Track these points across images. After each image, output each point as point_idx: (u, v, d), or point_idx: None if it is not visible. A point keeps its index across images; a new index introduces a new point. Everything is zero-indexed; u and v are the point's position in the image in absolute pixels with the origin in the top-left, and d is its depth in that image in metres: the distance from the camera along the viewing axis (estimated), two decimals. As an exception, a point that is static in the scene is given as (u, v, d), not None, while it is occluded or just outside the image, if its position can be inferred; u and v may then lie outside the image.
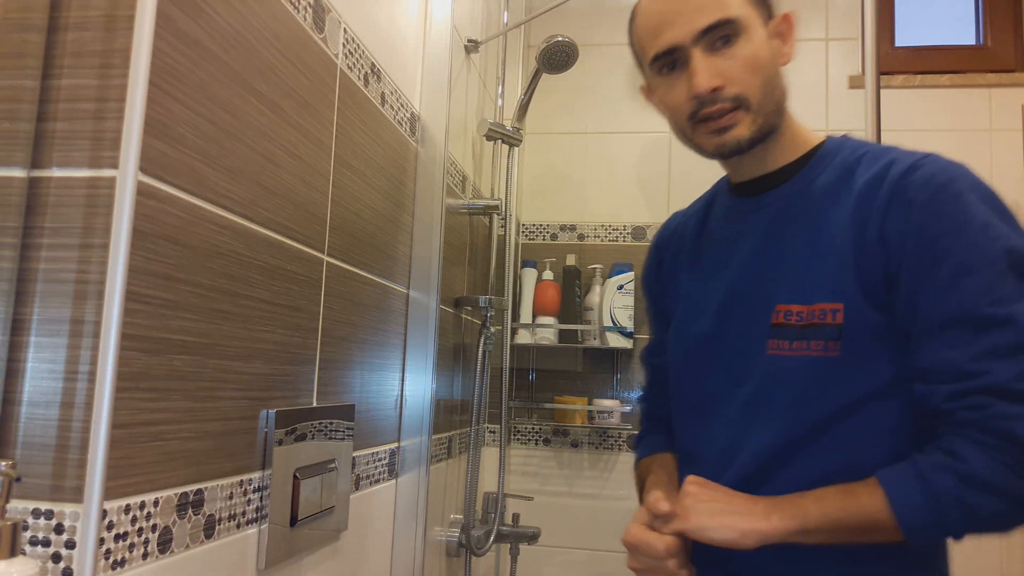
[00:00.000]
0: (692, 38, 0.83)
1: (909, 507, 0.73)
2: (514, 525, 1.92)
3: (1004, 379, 0.72)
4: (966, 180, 0.79)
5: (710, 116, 0.84)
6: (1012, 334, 0.73)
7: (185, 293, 0.74)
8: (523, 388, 2.21)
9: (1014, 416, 0.71)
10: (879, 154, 0.85)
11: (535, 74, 1.82)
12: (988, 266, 0.75)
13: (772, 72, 0.85)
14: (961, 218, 0.76)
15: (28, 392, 0.63)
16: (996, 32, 2.21)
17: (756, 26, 0.84)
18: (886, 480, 0.75)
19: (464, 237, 1.77)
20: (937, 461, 0.73)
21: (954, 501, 0.72)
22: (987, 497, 0.71)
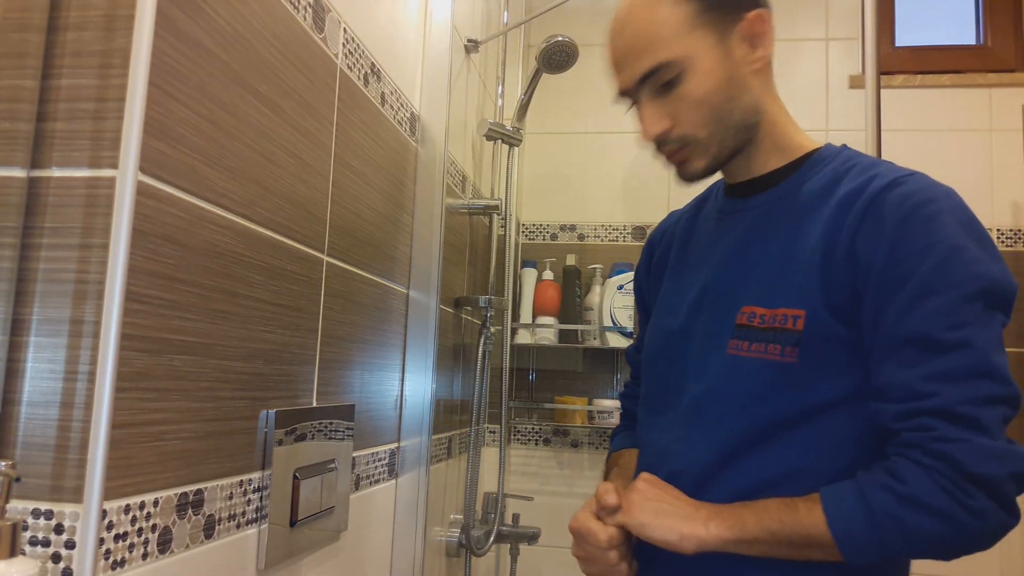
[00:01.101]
0: (634, 85, 0.85)
1: (847, 525, 0.73)
2: (514, 525, 1.92)
3: (952, 402, 0.71)
4: (945, 202, 0.77)
5: (666, 152, 0.87)
6: (967, 358, 0.72)
7: (185, 293, 0.74)
8: (523, 388, 2.21)
9: (956, 439, 0.71)
10: (867, 167, 0.83)
11: (535, 74, 1.82)
12: (953, 289, 0.74)
13: (726, 98, 0.83)
14: (931, 239, 0.75)
15: (28, 392, 0.63)
16: (996, 32, 2.21)
17: (702, 56, 0.82)
18: (827, 497, 0.75)
19: (464, 237, 1.77)
20: (878, 480, 0.73)
21: (892, 521, 0.72)
22: (925, 519, 0.71)
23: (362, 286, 1.19)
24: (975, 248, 0.76)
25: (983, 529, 0.71)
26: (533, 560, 2.08)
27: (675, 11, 0.82)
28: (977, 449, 0.70)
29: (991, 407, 0.71)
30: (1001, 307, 0.76)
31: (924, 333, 0.74)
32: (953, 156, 2.13)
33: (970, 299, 0.74)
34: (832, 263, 0.79)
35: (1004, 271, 0.76)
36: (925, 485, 0.71)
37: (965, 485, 0.70)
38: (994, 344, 0.74)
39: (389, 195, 1.30)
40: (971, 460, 0.70)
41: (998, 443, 0.71)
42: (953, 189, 0.80)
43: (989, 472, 0.70)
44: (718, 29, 0.83)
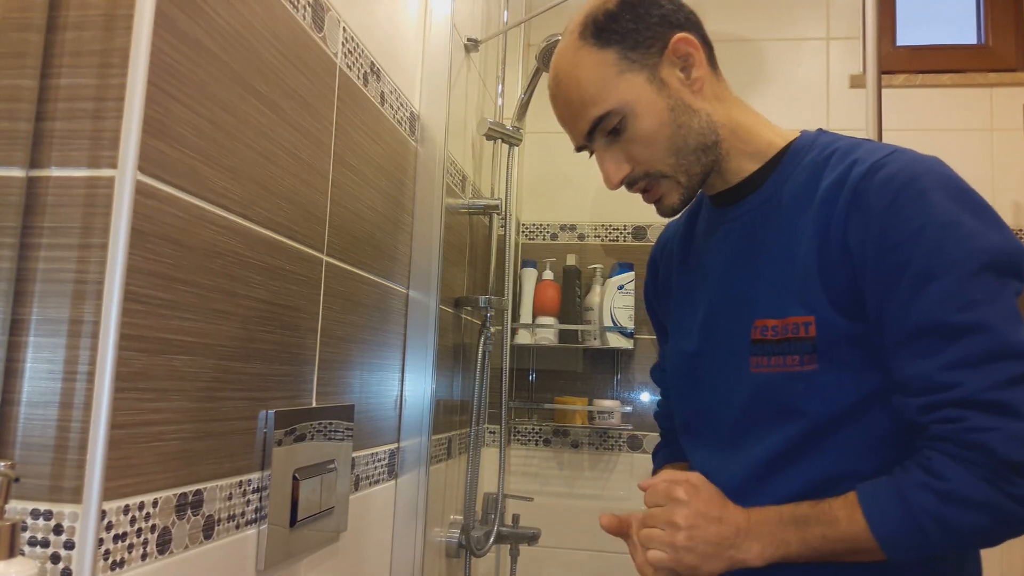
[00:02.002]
0: (584, 139, 0.86)
1: (890, 530, 0.72)
2: (514, 526, 1.92)
3: (977, 389, 0.70)
4: (931, 177, 0.75)
5: (638, 191, 0.88)
6: (983, 340, 0.70)
7: (184, 293, 0.73)
8: (523, 388, 2.21)
9: (990, 428, 0.69)
10: (845, 153, 0.81)
11: (535, 73, 1.82)
12: (954, 269, 0.72)
13: (674, 127, 0.83)
14: (922, 220, 0.73)
15: (27, 392, 0.63)
16: (997, 31, 2.21)
17: (637, 96, 0.82)
18: (866, 501, 0.73)
19: (464, 237, 1.77)
20: (916, 479, 0.72)
21: (934, 520, 0.71)
22: (969, 513, 0.70)
23: (362, 286, 1.19)
24: (970, 220, 0.73)
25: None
26: (533, 561, 2.08)
27: (598, 63, 0.83)
28: (1012, 436, 0.69)
29: (1017, 388, 0.69)
30: (1011, 274, 0.73)
31: (934, 320, 0.72)
32: (953, 156, 2.10)
33: (974, 275, 0.71)
34: (828, 262, 0.78)
35: (1006, 237, 0.74)
36: (965, 479, 0.70)
37: (1006, 473, 0.69)
38: (1009, 319, 0.71)
39: (389, 195, 1.30)
40: (1008, 448, 0.68)
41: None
42: (938, 159, 0.78)
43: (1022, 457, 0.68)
44: (645, 66, 0.83)
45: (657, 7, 0.84)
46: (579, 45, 0.84)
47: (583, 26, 0.84)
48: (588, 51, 0.83)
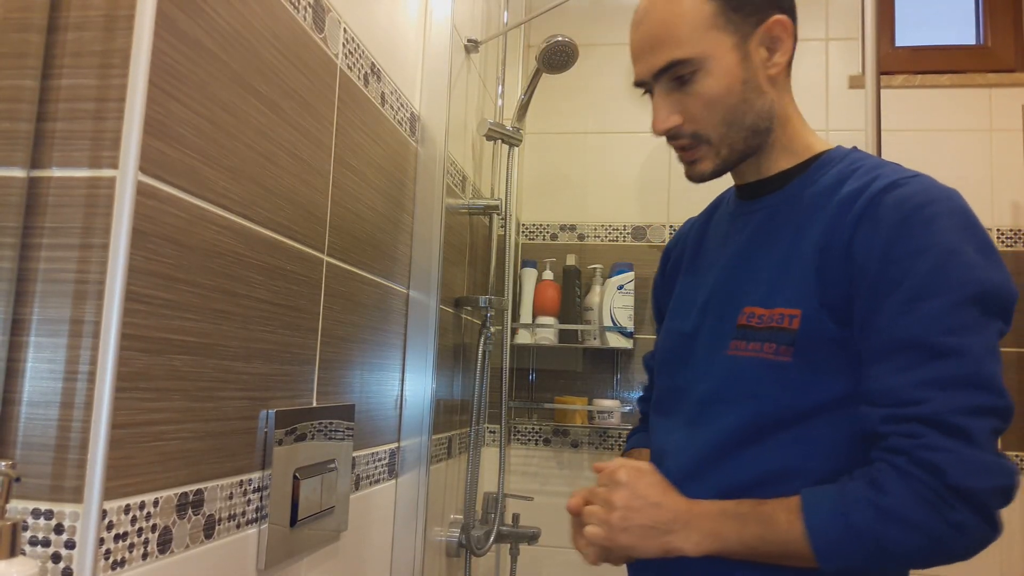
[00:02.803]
0: (650, 76, 0.85)
1: (827, 541, 0.72)
2: (514, 525, 1.92)
3: (941, 410, 0.70)
4: (945, 205, 0.76)
5: (677, 147, 0.88)
6: (958, 366, 0.71)
7: (185, 293, 0.74)
8: (523, 388, 2.21)
9: (943, 449, 0.70)
10: (871, 168, 0.83)
11: (535, 74, 1.82)
12: (947, 293, 0.73)
13: (739, 100, 0.83)
14: (928, 242, 0.74)
15: (28, 392, 0.63)
16: (996, 32, 2.21)
17: (720, 56, 0.82)
18: (808, 510, 0.74)
19: (464, 237, 1.77)
20: (860, 493, 0.73)
21: (872, 537, 0.71)
22: (905, 533, 0.70)
23: (362, 286, 1.19)
24: (973, 253, 0.74)
25: (963, 543, 0.71)
26: (533, 560, 2.08)
27: (697, 8, 0.82)
28: (964, 461, 0.69)
29: (982, 418, 0.71)
30: (999, 314, 0.74)
31: (917, 337, 0.73)
32: (953, 156, 2.13)
33: (965, 304, 0.73)
34: (829, 263, 0.79)
35: (1003, 277, 0.75)
36: (906, 497, 0.71)
37: (948, 497, 0.69)
38: (988, 352, 0.72)
39: (389, 195, 1.30)
40: (956, 472, 0.69)
41: (986, 455, 0.70)
42: (957, 192, 0.79)
43: (974, 485, 0.69)
44: (738, 31, 0.83)
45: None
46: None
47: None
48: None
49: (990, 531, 0.71)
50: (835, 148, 0.90)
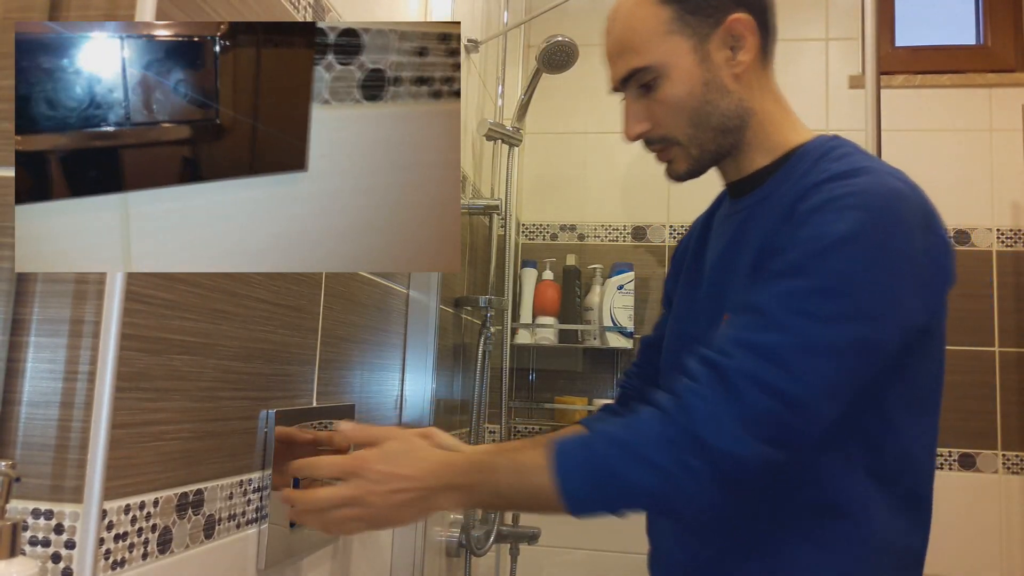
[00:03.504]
0: (619, 85, 0.87)
1: (571, 484, 0.73)
2: (514, 525, 1.92)
3: (733, 367, 0.71)
4: (865, 198, 0.73)
5: (651, 150, 0.89)
6: (776, 342, 0.70)
7: (185, 293, 0.74)
8: (523, 388, 2.21)
9: (708, 399, 0.70)
10: (830, 161, 0.81)
11: (535, 74, 1.82)
12: (813, 278, 0.71)
13: (702, 102, 0.83)
14: (827, 230, 0.72)
15: (28, 392, 0.63)
16: (996, 32, 2.21)
17: (678, 61, 0.82)
18: (557, 452, 0.74)
19: (464, 237, 1.77)
20: (609, 432, 0.74)
21: (612, 477, 0.72)
22: (645, 474, 0.71)
23: (362, 286, 1.19)
24: (870, 253, 0.72)
25: (695, 489, 0.71)
26: (533, 560, 2.08)
27: (654, 15, 0.83)
28: (716, 416, 0.70)
29: (763, 394, 0.69)
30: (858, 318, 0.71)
31: (762, 305, 0.73)
32: (953, 156, 2.13)
33: (824, 294, 0.71)
34: (763, 261, 0.79)
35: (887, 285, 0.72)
36: (653, 432, 0.71)
37: (690, 441, 0.70)
38: (819, 347, 0.70)
39: (389, 195, 1.30)
40: (703, 421, 0.70)
41: (738, 424, 0.69)
42: (903, 192, 0.75)
43: (710, 439, 0.69)
44: (696, 34, 0.83)
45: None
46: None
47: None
48: (649, 1, 0.84)
49: (718, 489, 0.71)
50: (812, 140, 0.87)
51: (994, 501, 2.03)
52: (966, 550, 2.01)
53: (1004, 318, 2.07)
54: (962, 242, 2.11)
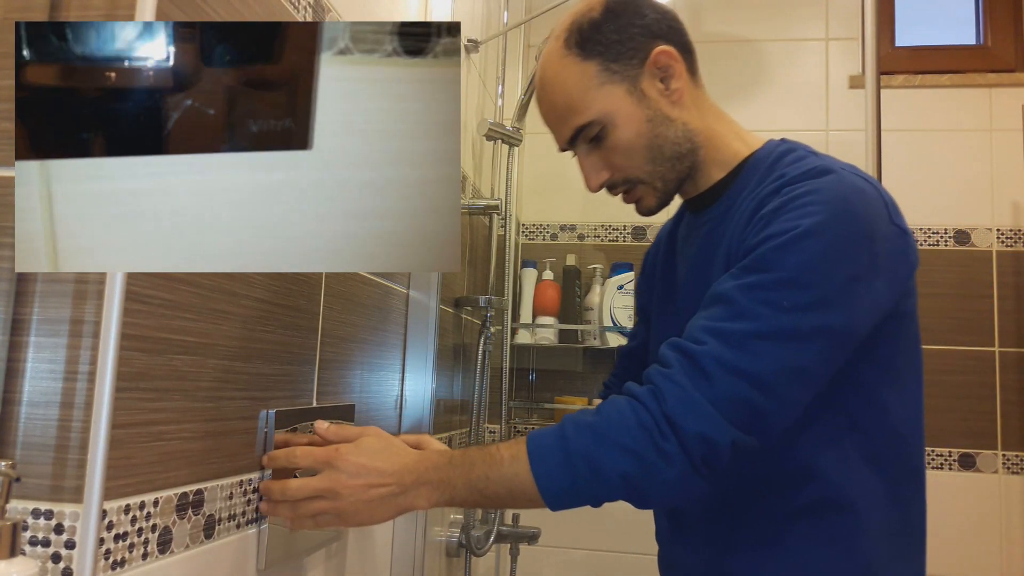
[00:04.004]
0: (567, 145, 0.90)
1: (547, 467, 0.74)
2: (514, 525, 1.92)
3: (703, 353, 0.72)
4: (825, 194, 0.76)
5: (617, 194, 0.92)
6: (743, 329, 0.73)
7: (185, 293, 0.74)
8: (523, 388, 2.21)
9: (678, 383, 0.72)
10: (785, 165, 0.83)
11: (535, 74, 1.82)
12: (776, 271, 0.74)
13: (651, 136, 0.86)
14: (788, 226, 0.75)
15: (28, 392, 0.63)
16: (996, 32, 2.21)
17: (617, 107, 0.85)
18: (532, 443, 0.75)
19: (464, 237, 1.77)
20: (584, 419, 0.75)
21: (586, 463, 0.72)
22: (616, 454, 0.72)
23: (362, 286, 1.19)
24: (833, 245, 0.74)
25: (669, 473, 0.72)
26: (533, 560, 2.08)
27: (582, 72, 0.85)
28: (687, 399, 0.71)
29: (732, 377, 0.71)
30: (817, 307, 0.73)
31: (728, 295, 0.75)
32: (953, 156, 2.13)
33: (788, 285, 0.73)
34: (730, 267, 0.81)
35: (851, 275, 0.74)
36: (625, 418, 0.73)
37: (662, 424, 0.71)
38: (785, 333, 0.72)
39: (389, 195, 1.30)
40: (675, 404, 0.71)
41: (708, 406, 0.71)
42: (861, 186, 0.78)
43: (682, 422, 0.71)
44: (626, 78, 0.85)
45: (640, 17, 0.86)
46: (563, 54, 0.86)
47: (568, 33, 0.87)
48: (572, 61, 0.86)
49: (692, 473, 0.72)
50: (763, 147, 0.89)
51: (994, 501, 2.03)
52: (966, 550, 2.01)
53: (1004, 318, 2.07)
54: (962, 242, 2.11)
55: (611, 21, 0.85)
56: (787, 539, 0.80)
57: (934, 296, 2.09)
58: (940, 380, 2.07)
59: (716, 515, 0.85)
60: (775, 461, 0.80)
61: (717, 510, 0.85)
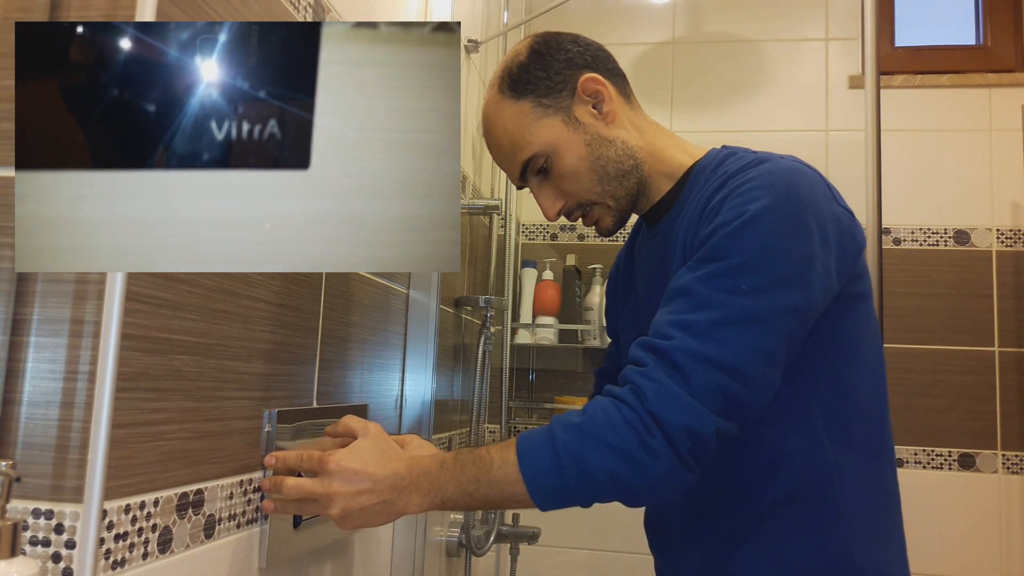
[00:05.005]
0: (520, 181, 0.94)
1: (536, 469, 0.75)
2: (514, 525, 1.92)
3: (673, 348, 0.74)
4: (767, 179, 0.79)
5: (574, 219, 0.95)
6: (707, 318, 0.74)
7: (185, 293, 0.74)
8: (523, 388, 2.21)
9: (655, 379, 0.73)
10: (727, 165, 0.85)
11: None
12: (731, 257, 0.76)
13: (593, 159, 0.89)
14: (735, 213, 0.77)
15: (28, 392, 0.63)
16: (996, 32, 2.21)
17: (555, 137, 0.89)
18: (522, 445, 0.76)
19: (464, 237, 1.77)
20: (570, 420, 0.76)
21: (573, 461, 0.73)
22: (604, 453, 0.73)
23: (362, 286, 1.19)
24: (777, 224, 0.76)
25: (657, 469, 0.73)
26: (533, 560, 2.08)
27: (518, 111, 0.90)
28: (667, 393, 0.73)
29: (705, 367, 0.73)
30: (782, 285, 0.76)
31: (688, 287, 0.77)
32: (953, 156, 2.13)
33: (744, 269, 0.75)
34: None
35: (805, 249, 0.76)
36: (611, 419, 0.74)
37: (647, 421, 0.73)
38: (749, 317, 0.74)
39: (389, 195, 1.30)
40: (656, 400, 0.73)
41: (689, 398, 0.73)
42: (801, 169, 0.81)
43: (666, 417, 0.72)
44: (559, 109, 0.90)
45: (563, 52, 0.91)
46: (499, 98, 0.91)
47: (501, 80, 0.92)
48: (507, 103, 0.91)
49: (680, 466, 0.73)
50: (706, 155, 0.92)
51: (994, 501, 2.03)
52: (966, 550, 2.01)
53: (1004, 318, 2.07)
54: (962, 242, 2.11)
55: (536, 61, 0.90)
56: (767, 531, 0.82)
57: (934, 296, 2.09)
58: (940, 380, 2.07)
59: (697, 515, 0.86)
60: (749, 452, 0.82)
61: (697, 510, 0.86)
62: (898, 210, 2.10)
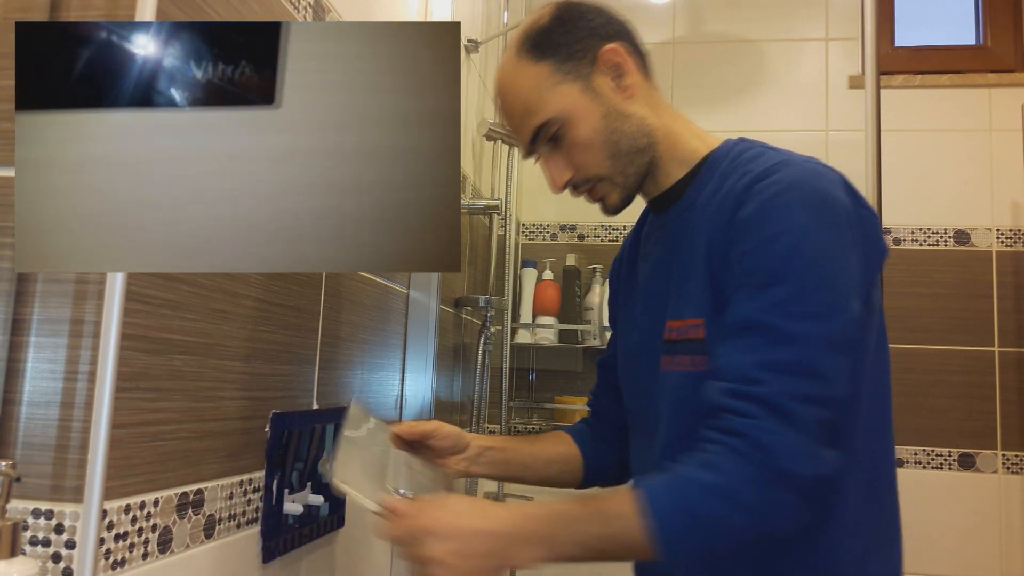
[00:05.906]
0: (530, 147, 0.91)
1: (672, 534, 0.72)
2: (514, 525, 1.92)
3: (776, 393, 0.72)
4: (800, 190, 0.77)
5: (581, 193, 0.93)
6: (794, 353, 0.73)
7: (185, 293, 0.74)
8: (523, 388, 2.21)
9: (775, 432, 0.71)
10: (746, 163, 0.84)
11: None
12: (796, 279, 0.74)
13: (608, 132, 0.87)
14: (781, 228, 0.76)
15: (28, 392, 0.63)
16: (996, 32, 2.21)
17: (572, 105, 0.86)
18: (652, 502, 0.73)
19: (464, 237, 1.77)
20: (700, 479, 0.73)
21: (714, 521, 0.72)
22: (737, 514, 0.71)
23: (362, 286, 1.19)
24: (827, 237, 0.76)
25: (786, 522, 0.72)
26: (533, 560, 2.08)
27: (535, 74, 0.87)
28: (789, 445, 0.71)
29: (810, 406, 0.72)
30: (852, 295, 0.75)
31: (761, 321, 0.75)
32: (953, 156, 2.13)
33: (812, 290, 0.74)
34: (714, 268, 0.81)
35: (856, 259, 0.76)
36: (744, 479, 0.72)
37: (776, 478, 0.71)
38: (828, 341, 0.73)
39: (389, 195, 1.30)
40: (783, 454, 0.71)
41: (809, 443, 0.72)
42: (827, 174, 0.80)
43: (797, 469, 0.71)
44: (578, 77, 0.87)
45: (587, 20, 0.88)
46: (517, 60, 0.88)
47: (521, 41, 0.89)
48: (525, 65, 0.88)
49: (808, 513, 0.73)
50: (720, 146, 0.90)
51: (994, 501, 2.03)
52: (966, 550, 2.01)
53: (1004, 318, 2.07)
54: (962, 242, 2.11)
55: (560, 26, 0.88)
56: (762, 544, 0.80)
57: (934, 296, 2.09)
58: (940, 380, 2.07)
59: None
60: None
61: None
62: (898, 210, 2.10)
